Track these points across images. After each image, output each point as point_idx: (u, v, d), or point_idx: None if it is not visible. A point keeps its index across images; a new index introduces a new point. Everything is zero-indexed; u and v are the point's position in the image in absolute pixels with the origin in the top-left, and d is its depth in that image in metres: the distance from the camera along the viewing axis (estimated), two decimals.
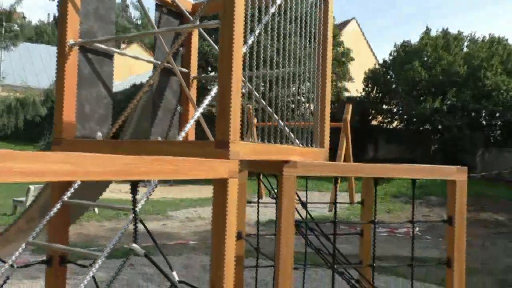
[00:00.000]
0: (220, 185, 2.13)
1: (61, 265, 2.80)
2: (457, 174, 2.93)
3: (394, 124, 23.18)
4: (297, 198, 3.16)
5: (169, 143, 2.36)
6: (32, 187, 9.18)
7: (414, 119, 21.01)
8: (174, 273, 2.40)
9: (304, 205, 3.22)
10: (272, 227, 3.40)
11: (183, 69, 3.51)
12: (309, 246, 3.29)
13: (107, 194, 8.02)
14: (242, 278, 3.89)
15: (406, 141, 21.59)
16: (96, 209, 10.43)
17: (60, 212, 2.57)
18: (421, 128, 21.43)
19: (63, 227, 2.74)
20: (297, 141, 3.03)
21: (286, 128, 2.96)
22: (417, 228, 8.95)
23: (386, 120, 23.14)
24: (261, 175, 3.32)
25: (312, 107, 3.23)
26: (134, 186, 2.00)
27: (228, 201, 2.11)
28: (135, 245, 2.05)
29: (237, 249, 3.86)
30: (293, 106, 3.13)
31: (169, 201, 12.84)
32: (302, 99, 3.41)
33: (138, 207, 2.13)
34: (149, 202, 12.61)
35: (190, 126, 2.45)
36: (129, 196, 1.98)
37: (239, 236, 3.83)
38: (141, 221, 2.38)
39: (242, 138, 2.21)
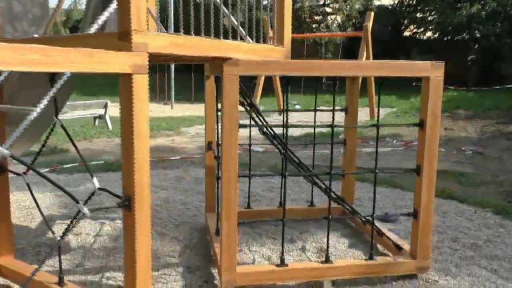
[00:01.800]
0: (123, 81, 1.88)
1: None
2: (431, 70, 2.56)
3: (428, 34, 21.74)
4: (247, 101, 2.90)
5: (78, 38, 2.09)
6: None
7: (450, 28, 19.54)
8: (95, 179, 2.27)
9: (253, 106, 2.95)
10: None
11: None
12: (281, 154, 3.07)
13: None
14: (213, 188, 3.78)
15: (441, 52, 20.29)
16: (110, 125, 10.54)
17: None
18: (457, 38, 20.00)
19: None
20: (249, 38, 2.69)
21: (234, 19, 2.62)
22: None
23: (419, 30, 21.70)
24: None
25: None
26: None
27: (134, 99, 1.87)
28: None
29: (207, 160, 3.72)
30: None
31: (186, 118, 12.82)
32: None
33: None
34: (164, 119, 12.66)
35: (103, 18, 2.16)
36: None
37: (209, 147, 3.67)
38: (71, 140, 2.24)
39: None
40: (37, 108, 1.96)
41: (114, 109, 12.02)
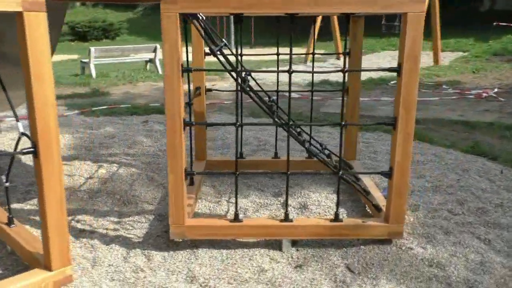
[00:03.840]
0: (18, 20, 1.73)
1: None
2: (409, 4, 2.14)
3: None
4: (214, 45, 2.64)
5: None
6: (92, 49, 9.53)
7: None
8: (19, 124, 2.20)
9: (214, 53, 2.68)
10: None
11: None
12: (254, 101, 2.82)
13: None
14: (204, 134, 3.63)
15: None
16: (159, 68, 10.65)
17: None
18: None
19: None
20: None
21: None
22: (495, 90, 7.66)
23: None
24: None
25: None
26: None
27: (29, 41, 1.73)
28: None
29: (196, 105, 3.56)
30: None
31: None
32: None
33: None
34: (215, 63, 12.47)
35: None
36: None
37: (196, 92, 3.49)
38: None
39: None
40: None
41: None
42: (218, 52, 2.76)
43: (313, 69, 3.41)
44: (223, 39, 3.36)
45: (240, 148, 3.71)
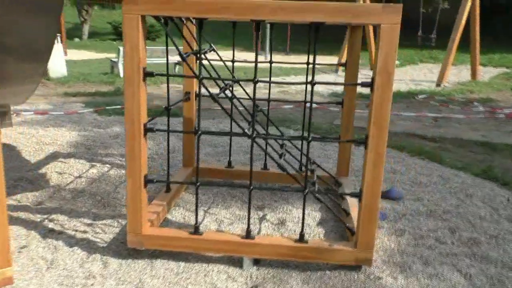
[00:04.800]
0: None
1: None
2: (382, 15, 1.98)
3: None
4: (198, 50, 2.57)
5: None
6: (121, 48, 9.67)
7: None
8: None
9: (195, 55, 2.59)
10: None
11: None
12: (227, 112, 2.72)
13: None
14: (192, 140, 3.55)
15: None
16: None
17: None
18: None
19: None
20: None
21: None
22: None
23: None
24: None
25: None
26: None
27: None
28: None
29: (185, 111, 3.48)
30: None
31: (277, 68, 12.51)
32: None
33: None
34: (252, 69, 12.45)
35: None
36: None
37: (186, 97, 3.42)
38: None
39: None
40: None
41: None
42: (203, 56, 2.69)
43: (306, 79, 3.27)
44: (211, 44, 3.29)
45: (229, 157, 3.61)
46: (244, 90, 3.34)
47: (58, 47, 10.40)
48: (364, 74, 12.46)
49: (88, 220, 2.90)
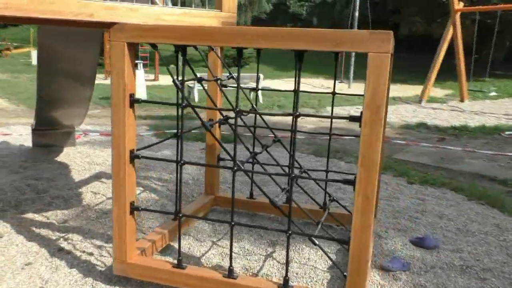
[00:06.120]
0: None
1: None
2: (369, 43, 1.78)
3: None
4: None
5: None
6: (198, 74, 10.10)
7: None
8: None
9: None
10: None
11: None
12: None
13: None
14: (215, 168, 3.48)
15: None
16: (261, 98, 10.79)
17: None
18: None
19: None
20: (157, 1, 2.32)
21: None
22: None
23: None
24: None
25: None
26: None
27: None
28: None
29: (209, 138, 3.44)
30: None
31: (346, 97, 12.25)
32: None
33: None
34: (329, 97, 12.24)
35: None
36: None
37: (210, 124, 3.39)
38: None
39: None
40: None
41: (269, 82, 12.22)
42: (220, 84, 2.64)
43: (293, 111, 3.06)
44: (231, 72, 3.23)
45: (251, 188, 3.48)
46: (265, 121, 3.20)
47: (140, 72, 11.13)
48: (454, 106, 11.65)
49: (100, 242, 2.94)
